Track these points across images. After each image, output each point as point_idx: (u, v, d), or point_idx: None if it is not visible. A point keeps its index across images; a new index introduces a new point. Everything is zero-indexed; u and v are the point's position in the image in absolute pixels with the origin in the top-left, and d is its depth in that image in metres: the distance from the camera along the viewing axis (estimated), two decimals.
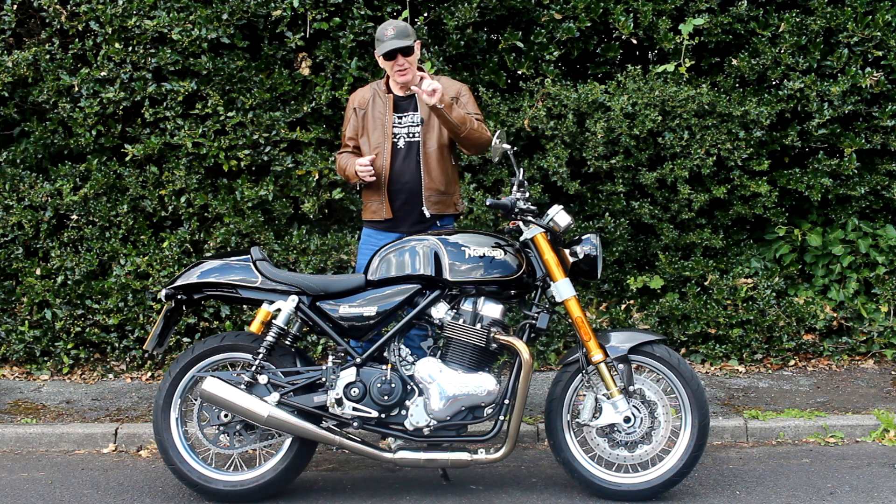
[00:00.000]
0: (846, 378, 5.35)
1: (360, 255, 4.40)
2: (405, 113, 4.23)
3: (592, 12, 5.32)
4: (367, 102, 4.28)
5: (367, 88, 4.36)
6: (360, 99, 4.32)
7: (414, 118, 4.21)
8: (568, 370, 3.81)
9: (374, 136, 4.23)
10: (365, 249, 4.34)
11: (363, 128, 4.28)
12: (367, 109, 4.27)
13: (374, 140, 4.23)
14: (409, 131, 4.22)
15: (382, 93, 4.25)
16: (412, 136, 4.21)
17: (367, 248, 4.30)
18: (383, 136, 4.21)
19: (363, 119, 4.28)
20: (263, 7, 5.12)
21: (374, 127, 4.24)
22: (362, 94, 4.35)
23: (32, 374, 5.46)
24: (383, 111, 4.23)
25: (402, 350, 3.80)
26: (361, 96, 4.33)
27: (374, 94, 4.28)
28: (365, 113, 4.27)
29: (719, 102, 5.25)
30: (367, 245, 4.34)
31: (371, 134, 4.24)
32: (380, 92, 4.27)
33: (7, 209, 5.33)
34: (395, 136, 4.21)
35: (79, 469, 4.31)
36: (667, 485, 3.79)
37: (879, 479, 4.03)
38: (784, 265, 5.66)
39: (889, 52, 5.40)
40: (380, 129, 4.22)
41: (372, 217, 4.29)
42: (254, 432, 3.81)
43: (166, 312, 3.92)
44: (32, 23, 5.48)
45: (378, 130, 4.22)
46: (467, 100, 4.25)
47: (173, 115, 5.21)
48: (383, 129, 4.21)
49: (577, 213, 5.48)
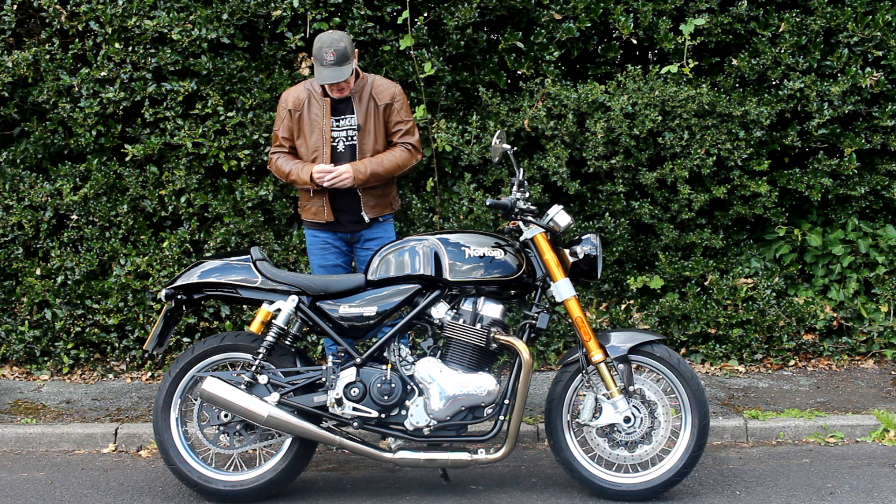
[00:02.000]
0: (846, 378, 5.35)
1: (310, 255, 4.51)
2: (342, 116, 4.25)
3: (592, 12, 5.32)
4: (303, 104, 4.27)
5: (301, 88, 4.35)
6: (293, 100, 4.31)
7: (352, 122, 4.24)
8: (568, 370, 3.81)
9: (313, 139, 4.24)
10: (313, 249, 4.46)
11: (299, 129, 4.28)
12: (301, 111, 4.27)
13: (313, 143, 4.24)
14: (348, 134, 4.25)
15: (318, 95, 4.25)
16: (350, 140, 4.24)
17: (314, 248, 4.44)
18: (322, 140, 4.22)
19: (299, 120, 4.28)
20: (263, 7, 5.11)
21: (311, 129, 4.24)
22: (296, 94, 4.33)
23: (32, 374, 5.46)
24: (320, 114, 4.23)
25: (402, 350, 3.81)
26: (295, 97, 4.31)
27: (310, 96, 4.27)
28: (300, 114, 4.27)
29: (719, 102, 5.25)
30: (314, 246, 4.45)
31: (308, 136, 4.25)
32: (315, 94, 4.26)
33: (7, 209, 5.33)
34: (335, 140, 4.24)
35: (79, 469, 4.31)
36: (667, 485, 3.79)
37: (879, 479, 4.03)
38: (784, 265, 5.65)
39: (889, 52, 5.39)
40: (318, 132, 4.23)
41: (313, 219, 4.36)
42: (254, 432, 3.81)
43: (166, 312, 3.92)
44: (32, 23, 5.48)
45: (316, 133, 4.23)
46: (400, 106, 4.33)
47: (173, 115, 5.21)
48: (321, 132, 4.22)
49: (577, 213, 5.48)
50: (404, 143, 4.32)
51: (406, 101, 4.40)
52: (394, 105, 4.29)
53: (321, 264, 4.42)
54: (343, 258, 4.45)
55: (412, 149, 4.34)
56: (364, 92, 4.26)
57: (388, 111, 4.29)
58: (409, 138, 4.33)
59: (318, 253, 4.43)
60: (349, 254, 4.48)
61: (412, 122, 4.38)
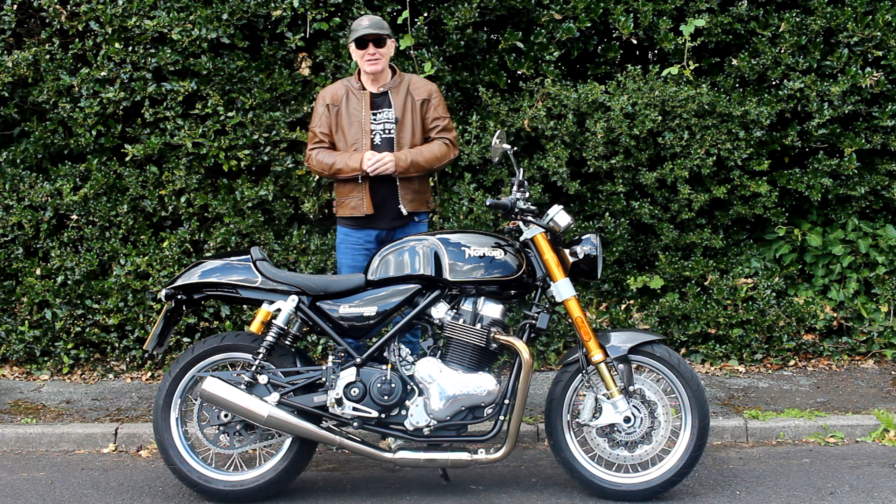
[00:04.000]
0: (846, 378, 5.35)
1: (339, 255, 4.47)
2: (380, 109, 4.30)
3: (592, 12, 5.32)
4: (341, 99, 4.33)
5: (339, 85, 4.40)
6: (332, 95, 4.36)
7: (389, 115, 4.29)
8: (568, 370, 3.81)
9: (351, 133, 4.27)
10: (344, 248, 4.42)
11: (337, 124, 4.33)
12: (340, 106, 4.32)
13: (351, 136, 4.27)
14: (385, 128, 4.30)
15: (357, 90, 4.31)
16: (388, 133, 4.28)
17: (346, 248, 4.40)
18: (361, 133, 4.26)
19: (337, 116, 4.32)
20: (263, 7, 5.12)
21: (349, 123, 4.28)
22: (334, 90, 4.39)
23: (32, 374, 5.46)
24: (358, 108, 4.28)
25: (402, 350, 3.81)
26: (333, 93, 4.37)
27: (348, 91, 4.33)
28: (338, 109, 4.32)
29: (719, 102, 5.25)
30: (344, 244, 4.41)
31: (347, 130, 4.29)
32: (353, 89, 4.32)
33: (7, 209, 5.33)
34: (373, 133, 4.28)
35: (79, 469, 4.31)
36: (667, 485, 3.79)
37: (879, 479, 4.03)
38: (784, 265, 5.65)
39: (889, 52, 5.40)
40: (356, 125, 4.27)
41: (351, 213, 4.33)
42: (254, 432, 3.81)
43: (166, 312, 3.92)
44: (32, 23, 5.48)
45: (355, 127, 4.27)
46: (437, 102, 4.39)
47: (173, 115, 5.21)
48: (360, 125, 4.26)
49: (577, 213, 5.48)
50: (442, 137, 4.36)
51: (442, 98, 4.46)
52: (431, 101, 4.36)
53: (350, 264, 4.37)
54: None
55: (450, 143, 4.39)
56: (401, 87, 4.33)
57: (425, 107, 4.35)
58: (446, 134, 4.39)
59: (349, 253, 4.39)
60: None
61: (449, 119, 4.43)
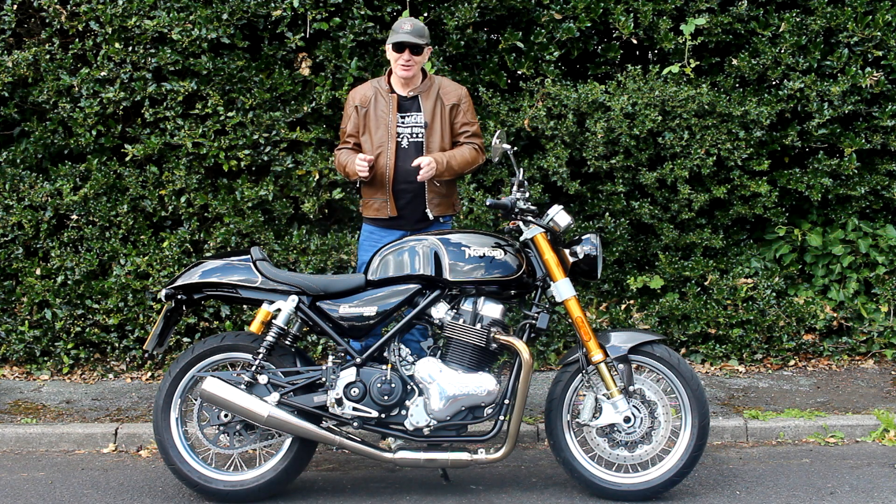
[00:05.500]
0: (846, 378, 5.35)
1: (360, 252, 4.42)
2: (408, 113, 4.26)
3: (592, 12, 5.32)
4: (369, 101, 4.29)
5: (368, 86, 4.37)
6: (361, 97, 4.33)
7: (417, 119, 4.25)
8: (568, 370, 3.81)
9: (378, 135, 4.24)
10: (367, 245, 4.35)
11: (364, 126, 4.29)
12: (368, 108, 4.28)
13: (378, 139, 4.24)
14: (413, 132, 4.25)
15: (385, 92, 4.27)
16: (416, 137, 4.24)
17: (369, 245, 4.32)
18: (387, 136, 4.22)
19: (364, 117, 4.29)
20: (263, 7, 5.12)
21: (376, 126, 4.25)
22: (363, 91, 4.35)
23: (32, 374, 5.45)
24: (386, 110, 4.24)
25: (402, 350, 3.81)
26: (363, 94, 4.34)
27: (377, 93, 4.29)
28: (367, 111, 4.28)
29: (719, 102, 5.25)
30: (368, 241, 4.36)
31: (374, 133, 4.25)
32: (382, 91, 4.28)
33: (7, 209, 5.33)
34: (399, 136, 4.23)
35: (79, 469, 4.31)
36: (667, 485, 3.79)
37: (879, 479, 4.03)
38: (784, 265, 5.65)
39: (889, 52, 5.40)
40: (383, 127, 4.23)
41: (375, 215, 4.31)
42: (254, 432, 3.81)
43: (166, 312, 3.92)
44: (32, 23, 5.48)
45: (381, 129, 4.24)
46: (467, 107, 4.35)
47: (173, 115, 5.21)
48: (387, 128, 4.23)
49: (577, 213, 5.48)
50: (471, 142, 4.33)
51: (472, 103, 4.42)
52: (461, 106, 4.32)
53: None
54: None
55: (479, 149, 4.36)
56: (431, 91, 4.29)
57: (454, 111, 4.31)
58: (475, 139, 4.36)
59: (371, 249, 4.22)
60: None
61: (477, 125, 4.41)
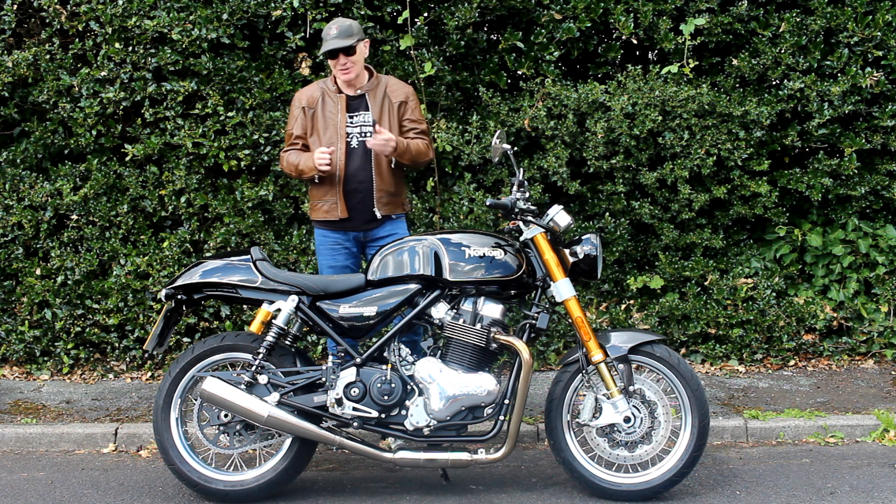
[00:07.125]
0: (846, 378, 5.35)
1: (319, 256, 4.47)
2: (357, 112, 4.29)
3: (592, 12, 5.32)
4: (317, 101, 4.32)
5: (315, 87, 4.39)
6: (308, 98, 4.35)
7: (366, 118, 4.28)
8: (568, 370, 3.81)
9: (327, 136, 4.27)
10: (323, 249, 4.42)
11: (313, 127, 4.32)
12: (316, 108, 4.31)
13: (327, 139, 4.27)
14: (362, 131, 4.28)
15: (333, 92, 4.30)
16: (365, 136, 4.26)
17: (325, 249, 4.40)
18: (336, 136, 4.26)
19: (312, 118, 4.32)
20: (263, 7, 5.12)
21: (325, 126, 4.28)
22: (310, 92, 4.38)
23: (32, 374, 5.46)
24: (335, 111, 4.27)
25: (402, 350, 3.81)
26: (309, 95, 4.36)
27: (324, 94, 4.32)
28: (314, 112, 4.31)
29: (719, 102, 5.25)
30: (323, 245, 4.41)
31: (322, 133, 4.28)
32: (330, 91, 4.31)
33: (7, 209, 5.33)
34: (349, 136, 4.27)
35: (79, 469, 4.31)
36: (667, 485, 3.79)
37: (879, 479, 4.03)
38: (784, 265, 5.65)
39: (889, 52, 5.40)
40: (332, 128, 4.26)
41: (325, 217, 4.33)
42: (254, 432, 3.81)
43: (166, 312, 3.92)
44: (32, 23, 5.48)
45: (330, 130, 4.27)
46: (414, 105, 4.39)
47: (173, 115, 5.21)
48: (336, 128, 4.26)
49: (577, 213, 5.48)
50: (421, 138, 4.36)
51: (418, 102, 4.46)
52: (408, 103, 4.35)
53: (330, 265, 4.39)
54: (353, 259, 4.42)
55: (428, 145, 4.40)
56: (378, 89, 4.32)
57: (402, 108, 4.35)
58: (425, 136, 4.39)
59: (328, 253, 4.39)
60: (359, 255, 4.46)
61: (426, 123, 4.45)
